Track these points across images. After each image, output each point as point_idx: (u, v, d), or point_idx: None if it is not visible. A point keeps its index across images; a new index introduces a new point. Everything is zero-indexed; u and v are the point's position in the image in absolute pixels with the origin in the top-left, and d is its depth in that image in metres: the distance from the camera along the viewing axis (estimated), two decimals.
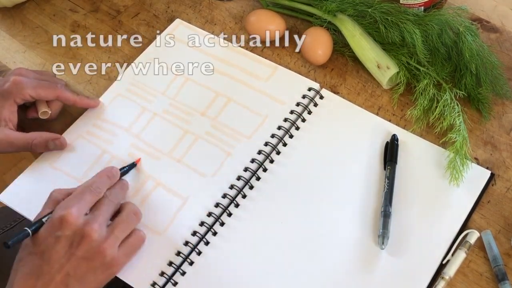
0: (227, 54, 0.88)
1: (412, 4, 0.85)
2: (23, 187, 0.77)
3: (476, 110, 0.82)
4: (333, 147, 0.79)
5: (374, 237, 0.72)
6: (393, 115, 0.82)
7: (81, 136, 0.81)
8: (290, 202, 0.75)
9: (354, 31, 0.84)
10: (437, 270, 0.70)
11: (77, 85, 0.88)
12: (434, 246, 0.71)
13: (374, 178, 0.76)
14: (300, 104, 0.82)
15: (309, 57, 0.85)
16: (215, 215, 0.74)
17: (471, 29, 0.82)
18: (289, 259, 0.71)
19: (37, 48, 0.92)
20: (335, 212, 0.74)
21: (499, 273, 0.68)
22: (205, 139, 0.80)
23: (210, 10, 0.95)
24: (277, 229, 0.73)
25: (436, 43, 0.82)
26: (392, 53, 0.83)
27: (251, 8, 0.94)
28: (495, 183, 0.76)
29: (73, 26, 0.95)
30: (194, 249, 0.72)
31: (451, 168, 0.74)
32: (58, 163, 0.79)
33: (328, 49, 0.85)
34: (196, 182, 0.77)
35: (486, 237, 0.70)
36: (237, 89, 0.85)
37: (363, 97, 0.84)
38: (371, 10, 0.83)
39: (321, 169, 0.77)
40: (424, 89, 0.80)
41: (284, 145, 0.79)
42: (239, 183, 0.76)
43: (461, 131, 0.76)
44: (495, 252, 0.69)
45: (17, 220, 0.90)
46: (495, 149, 0.78)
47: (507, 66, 0.85)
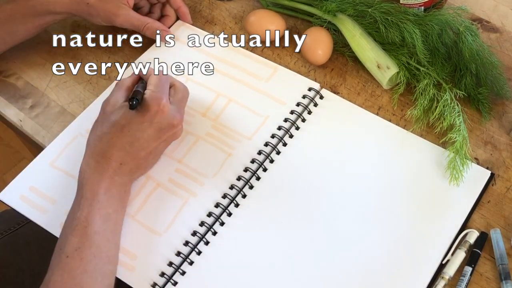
0: (227, 54, 0.88)
1: (412, 4, 0.85)
2: (22, 186, 0.77)
3: (476, 110, 0.82)
4: (333, 147, 0.79)
5: (374, 237, 0.72)
6: (393, 115, 0.82)
7: (80, 134, 0.81)
8: (290, 202, 0.75)
9: (354, 31, 0.84)
10: (437, 270, 0.70)
11: (77, 85, 0.88)
12: (434, 246, 0.71)
13: (374, 178, 0.76)
14: (300, 104, 0.82)
15: (309, 57, 0.85)
16: (215, 215, 0.74)
17: (471, 29, 0.82)
18: (288, 258, 0.71)
19: (37, 48, 0.92)
20: (334, 212, 0.74)
21: (503, 272, 0.68)
22: (205, 140, 0.80)
23: (210, 10, 0.95)
24: (276, 229, 0.73)
25: (436, 43, 0.82)
26: (392, 53, 0.83)
27: (251, 8, 0.94)
28: (495, 183, 0.76)
29: (73, 26, 0.95)
30: (194, 249, 0.72)
31: (451, 168, 0.74)
32: (57, 162, 0.79)
33: (328, 49, 0.85)
34: (197, 183, 0.77)
35: (495, 235, 0.70)
36: (237, 89, 0.85)
37: (363, 97, 0.84)
38: (371, 10, 0.83)
39: (321, 169, 0.77)
40: (424, 89, 0.80)
41: (284, 145, 0.79)
42: (239, 183, 0.76)
43: (461, 131, 0.76)
44: (502, 250, 0.69)
45: (20, 223, 0.90)
46: (495, 149, 0.78)
47: (507, 66, 0.85)
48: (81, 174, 0.70)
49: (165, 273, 0.71)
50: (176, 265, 0.71)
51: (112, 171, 0.69)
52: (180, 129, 0.75)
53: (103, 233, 0.67)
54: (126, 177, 0.71)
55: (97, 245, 0.66)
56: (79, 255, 0.64)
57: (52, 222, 0.74)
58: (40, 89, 0.88)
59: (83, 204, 0.67)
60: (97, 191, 0.68)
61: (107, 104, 0.73)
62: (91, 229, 0.66)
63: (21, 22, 0.84)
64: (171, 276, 0.70)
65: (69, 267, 0.64)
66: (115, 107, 0.73)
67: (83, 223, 0.66)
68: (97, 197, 0.68)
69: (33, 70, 0.90)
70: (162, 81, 0.74)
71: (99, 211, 0.67)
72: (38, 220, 0.75)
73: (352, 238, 0.72)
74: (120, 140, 0.70)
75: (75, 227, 0.66)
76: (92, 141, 0.72)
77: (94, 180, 0.69)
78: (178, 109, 0.74)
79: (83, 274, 0.64)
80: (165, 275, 0.71)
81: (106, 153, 0.70)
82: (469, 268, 0.69)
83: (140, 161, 0.72)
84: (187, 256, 0.72)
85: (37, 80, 0.89)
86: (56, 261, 0.65)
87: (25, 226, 0.89)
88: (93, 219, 0.66)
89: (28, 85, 0.88)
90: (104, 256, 0.66)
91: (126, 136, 0.70)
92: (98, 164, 0.70)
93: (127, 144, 0.71)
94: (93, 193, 0.68)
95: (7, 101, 0.87)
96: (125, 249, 0.72)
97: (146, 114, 0.71)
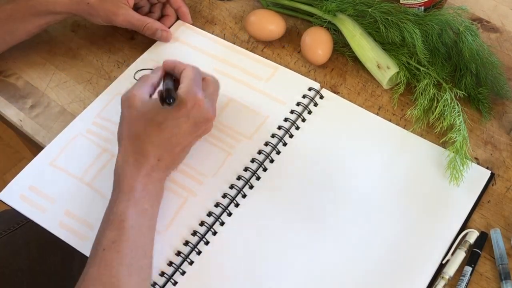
0: (227, 54, 0.88)
1: (412, 4, 0.85)
2: (22, 186, 0.77)
3: (476, 110, 0.82)
4: (333, 146, 0.79)
5: (374, 237, 0.72)
6: (393, 115, 0.82)
7: (80, 134, 0.81)
8: (290, 201, 0.75)
9: (354, 31, 0.84)
10: (437, 270, 0.70)
11: (77, 85, 0.88)
12: (434, 246, 0.71)
13: (374, 177, 0.76)
14: (300, 104, 0.82)
15: (309, 57, 0.85)
16: (215, 215, 0.74)
17: (471, 29, 0.82)
18: (289, 258, 0.71)
19: (37, 48, 0.92)
20: (334, 211, 0.74)
21: (503, 271, 0.68)
22: (205, 139, 0.80)
23: (210, 10, 0.95)
24: (276, 228, 0.73)
25: (436, 43, 0.82)
26: (392, 53, 0.83)
27: (251, 8, 0.94)
28: (495, 183, 0.76)
29: (73, 26, 0.95)
30: (194, 249, 0.72)
31: (451, 168, 0.74)
32: (57, 161, 0.79)
33: (328, 49, 0.85)
34: (196, 182, 0.77)
35: (495, 235, 0.70)
36: (237, 89, 0.85)
37: (363, 97, 0.84)
38: (371, 10, 0.83)
39: (321, 169, 0.77)
40: (424, 89, 0.80)
41: (285, 145, 0.79)
42: (239, 183, 0.76)
43: (461, 131, 0.76)
44: (502, 250, 0.69)
45: (19, 223, 0.90)
46: (495, 149, 0.78)
47: (507, 66, 0.85)
48: (118, 170, 0.70)
49: (165, 273, 0.71)
50: (176, 265, 0.71)
51: (149, 167, 0.70)
52: (212, 123, 0.75)
53: (139, 227, 0.67)
54: (163, 173, 0.72)
55: (133, 239, 0.66)
56: (115, 248, 0.64)
57: (51, 222, 0.74)
58: (40, 89, 0.88)
59: (120, 199, 0.67)
60: (135, 187, 0.68)
61: (134, 99, 0.72)
62: (128, 223, 0.66)
63: (21, 22, 0.84)
64: (171, 276, 0.70)
65: (105, 260, 0.64)
66: (146, 104, 0.72)
67: (120, 217, 0.66)
68: (134, 193, 0.68)
69: (33, 70, 0.90)
70: (196, 75, 0.74)
71: (136, 206, 0.67)
72: (38, 220, 0.75)
73: (352, 237, 0.72)
74: (158, 137, 0.70)
75: (112, 221, 0.66)
76: (127, 139, 0.71)
77: (132, 175, 0.69)
78: (212, 103, 0.75)
79: (120, 266, 0.64)
80: (165, 274, 0.71)
81: (144, 151, 0.70)
82: (469, 268, 0.69)
83: (175, 156, 0.73)
84: (187, 256, 0.72)
85: (37, 80, 0.89)
86: (93, 255, 0.65)
87: (24, 226, 0.89)
88: (130, 214, 0.66)
89: (28, 85, 0.88)
90: (141, 250, 0.66)
91: (164, 132, 0.70)
92: (136, 161, 0.70)
93: (165, 140, 0.71)
94: (131, 189, 0.68)
95: (7, 101, 0.87)
96: None
97: (182, 109, 0.71)
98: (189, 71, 0.74)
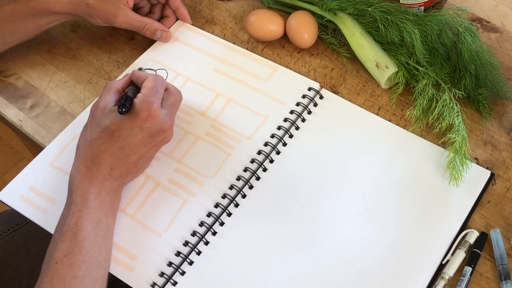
0: (227, 54, 0.88)
1: (412, 4, 0.85)
2: (22, 186, 0.77)
3: (476, 110, 0.81)
4: (333, 147, 0.79)
5: (374, 237, 0.72)
6: (393, 115, 0.82)
7: None
8: (289, 202, 0.75)
9: (354, 30, 0.84)
10: (437, 270, 0.70)
11: (77, 85, 0.88)
12: (434, 246, 0.71)
13: (374, 178, 0.76)
14: (300, 104, 0.82)
15: (296, 41, 0.86)
16: (214, 215, 0.74)
17: (470, 29, 0.82)
18: (288, 259, 0.71)
19: (37, 48, 0.92)
20: (334, 212, 0.74)
21: (502, 272, 0.68)
22: (205, 140, 0.80)
23: (210, 10, 0.95)
24: (276, 229, 0.73)
25: (435, 43, 0.82)
26: (391, 52, 0.83)
27: (251, 8, 0.94)
28: (495, 183, 0.76)
29: (73, 26, 0.95)
30: (194, 249, 0.72)
31: (451, 168, 0.74)
32: (57, 161, 0.79)
33: (314, 32, 0.86)
34: (196, 183, 0.77)
35: (495, 235, 0.70)
36: (237, 89, 0.85)
37: (363, 97, 0.84)
38: (371, 9, 0.83)
39: (320, 169, 0.77)
40: (423, 89, 0.80)
41: (284, 145, 0.79)
42: (239, 184, 0.76)
43: (460, 131, 0.76)
44: (502, 250, 0.69)
45: (19, 224, 0.90)
46: (495, 149, 0.78)
47: (507, 66, 0.85)
48: (71, 180, 0.70)
49: (165, 273, 0.71)
50: (176, 265, 0.71)
51: (102, 176, 0.69)
52: (170, 134, 0.74)
53: (93, 238, 0.66)
54: (116, 182, 0.71)
55: (86, 251, 0.65)
56: (68, 261, 0.64)
57: (51, 222, 0.74)
58: (40, 89, 0.88)
59: (72, 210, 0.67)
60: (87, 197, 0.68)
61: (96, 108, 0.72)
62: (81, 234, 0.65)
63: (21, 23, 0.84)
64: (170, 276, 0.70)
65: (58, 273, 0.64)
66: (105, 112, 0.71)
67: (72, 229, 0.66)
68: (87, 203, 0.67)
69: (33, 70, 0.90)
70: (156, 85, 0.73)
71: (89, 216, 0.67)
72: (38, 220, 0.75)
73: (352, 237, 0.72)
74: (110, 146, 0.70)
75: (65, 233, 0.66)
76: (82, 147, 0.71)
77: (84, 185, 0.68)
78: (170, 114, 0.74)
79: (73, 279, 0.64)
80: (165, 275, 0.71)
81: (96, 159, 0.69)
82: (469, 268, 0.69)
83: (131, 166, 0.72)
84: (187, 256, 0.72)
85: (37, 80, 0.89)
86: (45, 268, 0.65)
87: (24, 227, 0.90)
88: (82, 225, 0.66)
89: (28, 85, 0.89)
90: (95, 262, 0.66)
91: (117, 141, 0.70)
92: (88, 169, 0.69)
93: (117, 149, 0.70)
94: (83, 199, 0.68)
95: (7, 101, 0.87)
96: (125, 249, 0.72)
97: (136, 119, 0.70)
98: (150, 81, 0.73)
